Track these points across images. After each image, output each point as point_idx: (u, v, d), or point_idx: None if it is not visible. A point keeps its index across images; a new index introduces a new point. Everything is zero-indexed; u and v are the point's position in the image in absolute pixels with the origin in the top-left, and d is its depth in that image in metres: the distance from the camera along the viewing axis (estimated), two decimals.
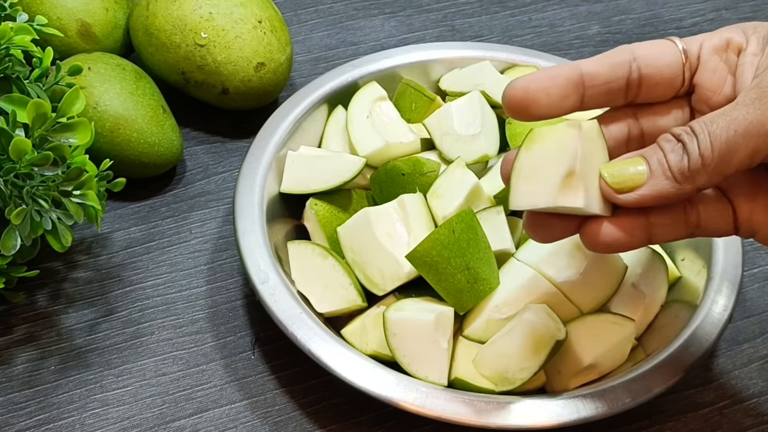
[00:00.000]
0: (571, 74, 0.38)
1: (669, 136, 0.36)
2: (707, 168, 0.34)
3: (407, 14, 0.75)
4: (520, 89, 0.38)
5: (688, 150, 0.35)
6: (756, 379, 0.51)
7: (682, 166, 0.35)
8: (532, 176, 0.36)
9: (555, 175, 0.36)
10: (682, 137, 0.35)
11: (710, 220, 0.38)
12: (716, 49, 0.38)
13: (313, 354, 0.45)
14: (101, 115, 0.55)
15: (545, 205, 0.36)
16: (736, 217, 0.38)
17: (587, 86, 0.38)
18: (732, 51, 0.38)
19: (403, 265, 0.47)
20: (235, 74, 0.59)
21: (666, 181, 0.35)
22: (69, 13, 0.60)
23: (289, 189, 0.53)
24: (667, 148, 0.35)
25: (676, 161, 0.35)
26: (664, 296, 0.50)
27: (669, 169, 0.35)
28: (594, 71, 0.38)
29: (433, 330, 0.44)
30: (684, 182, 0.35)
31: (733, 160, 0.34)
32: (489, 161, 0.54)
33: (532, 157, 0.37)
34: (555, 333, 0.43)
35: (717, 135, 0.34)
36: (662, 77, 0.39)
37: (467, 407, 0.43)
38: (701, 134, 0.35)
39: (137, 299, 0.54)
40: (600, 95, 0.39)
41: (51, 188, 0.45)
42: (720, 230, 0.38)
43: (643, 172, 0.35)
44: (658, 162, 0.35)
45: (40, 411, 0.48)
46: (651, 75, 0.38)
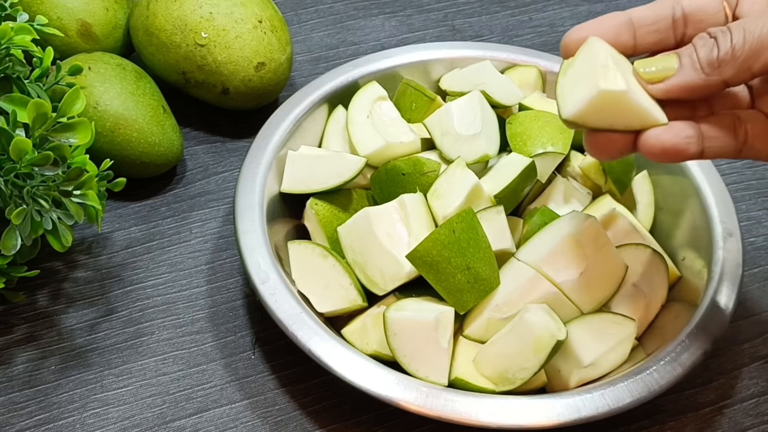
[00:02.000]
0: (622, 18, 0.41)
1: (703, 34, 0.38)
2: (737, 60, 0.37)
3: (407, 14, 0.75)
4: (576, 36, 0.41)
5: (719, 43, 0.37)
6: (756, 379, 0.51)
7: (711, 57, 0.37)
8: (574, 85, 0.38)
9: (593, 71, 0.37)
10: (716, 33, 0.37)
11: (757, 138, 0.39)
12: None
13: (314, 354, 0.45)
14: (101, 114, 0.55)
15: (590, 94, 0.37)
16: None
17: (637, 27, 0.41)
18: None
19: (403, 265, 0.47)
20: (235, 74, 0.59)
21: (693, 72, 0.38)
22: (69, 12, 0.60)
23: (289, 189, 0.53)
24: (699, 44, 0.38)
25: (705, 54, 0.37)
26: (665, 296, 0.50)
27: (698, 62, 0.38)
28: (641, 14, 0.41)
29: (434, 330, 0.44)
30: (711, 73, 0.37)
31: (762, 56, 0.36)
32: (489, 161, 0.54)
33: (570, 75, 0.39)
34: (555, 333, 0.43)
35: (751, 31, 0.36)
36: (705, 14, 0.41)
37: (467, 407, 0.43)
38: (736, 29, 0.37)
39: (137, 299, 0.54)
40: (650, 34, 0.41)
41: (51, 188, 0.45)
42: (766, 150, 0.40)
43: (673, 65, 0.38)
44: (688, 56, 0.38)
45: (40, 411, 0.48)
46: (694, 12, 0.41)
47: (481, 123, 0.53)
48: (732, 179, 0.61)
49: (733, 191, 0.57)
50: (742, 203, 0.60)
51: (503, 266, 0.48)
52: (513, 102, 0.56)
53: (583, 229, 0.47)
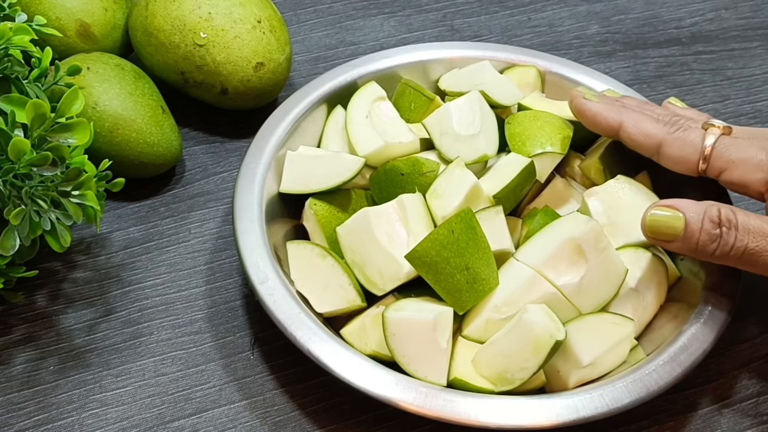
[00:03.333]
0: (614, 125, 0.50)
1: (714, 218, 0.44)
2: (730, 260, 0.45)
3: (406, 14, 0.75)
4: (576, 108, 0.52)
5: (721, 242, 0.44)
6: (756, 379, 0.51)
7: (707, 250, 0.45)
8: None
9: None
10: (722, 231, 0.44)
11: None
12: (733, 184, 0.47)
13: (313, 354, 0.44)
14: (100, 115, 0.55)
15: None
16: None
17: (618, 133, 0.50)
18: (752, 193, 0.47)
19: (402, 265, 0.47)
20: (234, 74, 0.59)
21: (689, 249, 0.45)
22: (68, 13, 0.60)
23: (288, 189, 0.53)
24: (706, 231, 0.44)
25: (704, 242, 0.44)
26: (664, 297, 0.50)
27: (695, 245, 0.45)
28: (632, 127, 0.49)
29: (433, 330, 0.44)
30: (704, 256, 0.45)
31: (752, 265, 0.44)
32: (488, 161, 0.54)
33: None
34: (554, 333, 0.43)
35: (744, 244, 0.44)
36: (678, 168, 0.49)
37: (466, 407, 0.43)
38: (741, 236, 0.44)
39: (136, 299, 0.54)
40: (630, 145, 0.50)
41: (50, 188, 0.45)
42: None
43: (678, 233, 0.45)
44: (696, 232, 0.44)
45: (39, 411, 0.48)
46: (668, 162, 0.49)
47: (480, 123, 0.53)
48: None
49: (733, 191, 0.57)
50: (742, 203, 0.60)
51: (502, 266, 0.48)
52: (512, 102, 0.56)
53: (583, 232, 0.47)
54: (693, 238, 0.44)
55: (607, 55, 0.72)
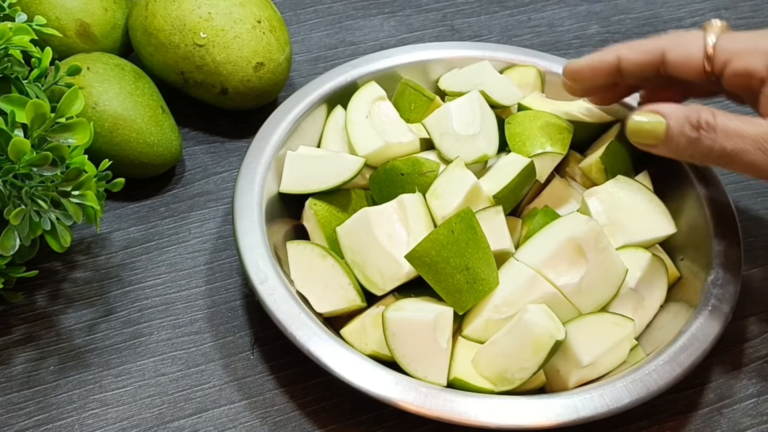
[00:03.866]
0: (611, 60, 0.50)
1: (693, 120, 0.45)
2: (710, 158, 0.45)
3: (406, 14, 0.75)
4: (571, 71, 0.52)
5: (700, 145, 0.45)
6: (755, 379, 0.51)
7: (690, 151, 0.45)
8: None
9: None
10: (701, 132, 0.44)
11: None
12: (737, 74, 0.46)
13: (313, 354, 0.44)
14: (100, 115, 0.55)
15: None
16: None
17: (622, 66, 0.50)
18: (755, 81, 0.46)
19: (402, 265, 0.47)
20: (234, 74, 0.59)
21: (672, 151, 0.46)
22: (68, 13, 0.60)
23: (288, 189, 0.53)
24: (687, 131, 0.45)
25: (685, 143, 0.45)
26: (664, 297, 0.50)
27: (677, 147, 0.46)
28: (629, 55, 0.49)
29: (433, 330, 0.44)
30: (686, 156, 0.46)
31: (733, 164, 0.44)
32: (488, 161, 0.54)
33: None
34: (554, 333, 0.43)
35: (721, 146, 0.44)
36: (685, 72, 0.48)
37: (466, 407, 0.43)
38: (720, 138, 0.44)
39: (136, 299, 0.54)
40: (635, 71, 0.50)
41: (50, 188, 0.45)
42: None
43: (660, 136, 0.46)
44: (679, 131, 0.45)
45: (39, 411, 0.48)
46: (675, 67, 0.48)
47: (480, 123, 0.53)
48: (732, 179, 0.61)
49: (732, 191, 0.57)
50: (742, 203, 0.60)
51: (502, 266, 0.48)
52: (512, 102, 0.56)
53: (583, 232, 0.47)
54: (673, 141, 0.46)
55: None
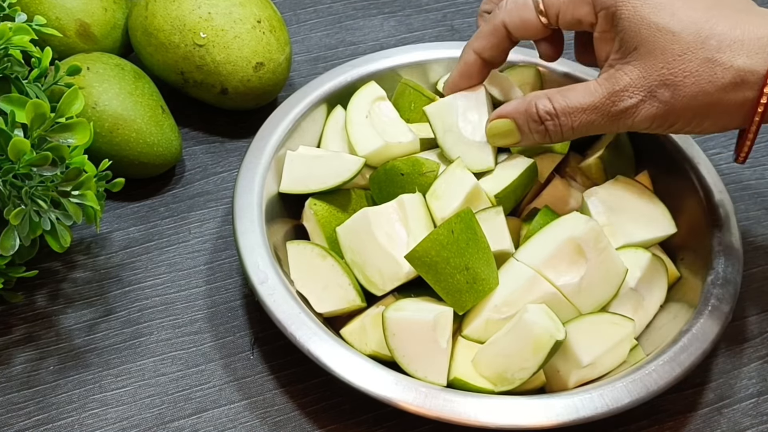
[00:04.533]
0: (474, 59, 0.52)
1: (534, 115, 0.47)
2: (566, 137, 0.48)
3: (406, 14, 0.75)
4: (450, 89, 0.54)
5: (551, 133, 0.47)
6: (755, 379, 0.51)
7: (547, 140, 0.48)
8: None
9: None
10: (546, 124, 0.47)
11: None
12: (570, 24, 0.48)
13: (312, 354, 0.44)
14: (100, 115, 0.55)
15: None
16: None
17: (485, 57, 0.52)
18: (586, 27, 0.48)
19: (402, 266, 0.47)
20: (234, 74, 0.59)
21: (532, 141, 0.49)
22: (68, 13, 0.60)
23: (288, 189, 0.53)
24: (533, 128, 0.48)
25: (540, 136, 0.48)
26: (664, 297, 0.50)
27: (535, 136, 0.48)
28: (481, 45, 0.51)
29: (432, 330, 0.44)
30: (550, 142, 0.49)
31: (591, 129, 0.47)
32: None
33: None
34: (554, 333, 0.43)
35: (569, 126, 0.47)
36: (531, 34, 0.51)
37: (466, 407, 0.43)
38: (564, 117, 0.46)
39: (136, 299, 0.54)
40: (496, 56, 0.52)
41: (50, 188, 0.45)
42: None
43: (516, 137, 0.49)
44: (528, 129, 0.48)
45: (39, 411, 0.48)
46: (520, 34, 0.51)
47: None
48: (731, 179, 0.61)
49: (732, 191, 0.57)
50: (741, 203, 0.60)
51: (502, 266, 0.48)
52: None
53: (583, 232, 0.47)
54: (528, 136, 0.48)
55: None
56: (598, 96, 0.45)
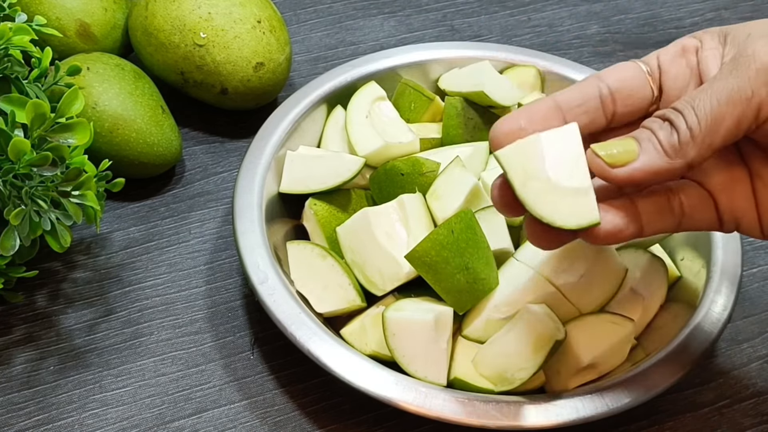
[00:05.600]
0: (549, 103, 0.39)
1: (654, 118, 0.37)
2: (696, 140, 0.35)
3: (406, 14, 0.75)
4: (508, 129, 0.38)
5: (676, 125, 0.36)
6: (755, 379, 0.51)
7: (673, 140, 0.36)
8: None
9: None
10: (668, 115, 0.36)
11: (694, 209, 0.39)
12: (674, 56, 0.40)
13: (313, 354, 0.44)
14: (100, 115, 0.55)
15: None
16: (717, 208, 0.39)
17: (565, 110, 0.39)
18: (690, 53, 0.40)
19: (402, 266, 0.47)
20: (234, 74, 0.59)
21: (657, 155, 0.36)
22: (68, 13, 0.60)
23: (288, 189, 0.53)
24: (655, 127, 0.36)
25: (666, 136, 0.36)
26: (663, 297, 0.50)
27: (659, 144, 0.36)
28: (567, 97, 0.39)
29: (433, 330, 0.44)
30: (675, 157, 0.36)
31: (720, 129, 0.35)
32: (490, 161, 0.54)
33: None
34: (554, 333, 0.43)
35: (701, 107, 0.35)
36: (631, 89, 0.39)
37: (466, 407, 0.43)
38: (686, 109, 0.36)
39: (136, 299, 0.54)
40: (580, 116, 0.39)
41: (50, 188, 0.45)
42: (705, 220, 0.39)
43: (634, 148, 0.36)
44: (648, 140, 0.36)
45: (39, 411, 0.48)
46: (620, 89, 0.39)
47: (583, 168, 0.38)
48: None
49: None
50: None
51: (502, 266, 0.48)
52: (512, 102, 0.56)
53: None
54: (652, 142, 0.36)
55: (607, 55, 0.72)
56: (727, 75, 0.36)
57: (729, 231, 0.40)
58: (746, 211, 0.39)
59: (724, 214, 0.39)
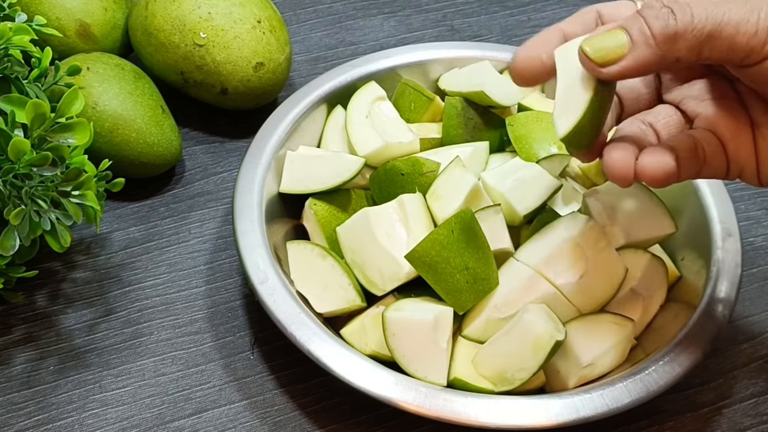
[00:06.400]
0: (558, 35, 0.41)
1: (653, 2, 0.36)
2: (693, 38, 0.34)
3: (406, 14, 0.75)
4: (526, 56, 0.40)
5: (677, 13, 0.35)
6: (756, 379, 0.51)
7: (668, 30, 0.35)
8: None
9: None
10: (670, 3, 0.35)
11: (713, 156, 0.40)
12: None
13: (313, 354, 0.44)
14: (100, 115, 0.55)
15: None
16: (727, 156, 0.40)
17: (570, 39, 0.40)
18: None
19: (402, 266, 0.47)
20: (234, 74, 0.59)
21: (648, 48, 0.35)
22: (68, 13, 0.60)
23: (288, 189, 0.53)
24: (650, 15, 0.35)
25: (660, 26, 0.35)
26: (663, 297, 0.50)
27: (652, 37, 0.35)
28: (572, 29, 0.41)
29: (432, 330, 0.44)
30: (666, 48, 0.35)
31: (716, 44, 0.35)
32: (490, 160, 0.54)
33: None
34: (554, 333, 0.43)
35: (713, 12, 0.34)
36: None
37: (466, 407, 0.43)
38: (697, 7, 0.35)
39: (136, 299, 0.54)
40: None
41: (50, 188, 0.45)
42: (719, 168, 0.40)
43: (624, 42, 0.36)
44: (639, 30, 0.35)
45: (39, 411, 0.48)
46: (612, 18, 0.40)
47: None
48: None
49: (732, 191, 0.57)
50: (741, 203, 0.60)
51: (502, 266, 0.48)
52: (512, 102, 0.56)
53: (583, 232, 0.47)
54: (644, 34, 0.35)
55: None
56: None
57: (733, 179, 0.41)
58: (748, 159, 0.40)
59: (732, 162, 0.40)
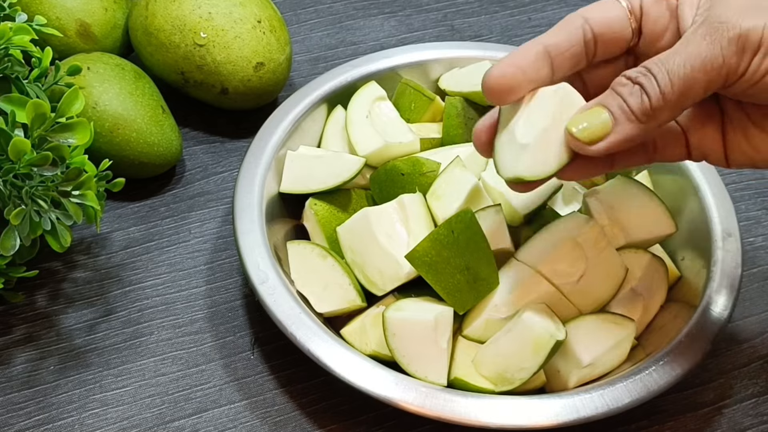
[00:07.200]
0: (539, 49, 0.40)
1: (623, 80, 0.37)
2: (669, 104, 0.36)
3: (407, 14, 0.75)
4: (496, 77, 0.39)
5: (647, 90, 0.36)
6: (756, 379, 0.51)
7: (644, 107, 0.36)
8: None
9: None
10: (639, 79, 0.37)
11: (666, 146, 0.41)
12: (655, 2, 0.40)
13: (313, 354, 0.45)
14: (100, 115, 0.55)
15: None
16: (688, 143, 0.41)
17: (553, 56, 0.40)
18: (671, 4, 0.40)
19: (402, 265, 0.47)
20: (234, 74, 0.59)
21: (630, 124, 0.37)
22: (68, 13, 0.60)
23: (288, 189, 0.53)
24: (625, 92, 0.37)
25: (637, 103, 0.37)
26: (664, 297, 0.50)
27: (632, 113, 0.37)
28: (555, 42, 0.40)
29: (433, 330, 0.44)
30: (648, 121, 0.37)
31: (691, 93, 0.36)
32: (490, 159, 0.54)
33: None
34: (554, 333, 0.43)
35: (675, 72, 0.36)
36: (613, 32, 0.40)
37: (466, 407, 0.43)
38: (659, 73, 0.36)
39: (136, 299, 0.54)
40: (566, 60, 0.40)
41: (50, 188, 0.45)
42: (675, 155, 0.41)
43: (607, 120, 0.37)
44: (619, 108, 0.37)
45: (39, 411, 0.48)
46: (603, 32, 0.40)
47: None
48: (731, 179, 0.61)
49: (732, 191, 0.57)
50: (741, 203, 0.60)
51: (503, 266, 0.48)
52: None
53: (583, 232, 0.47)
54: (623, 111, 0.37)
55: None
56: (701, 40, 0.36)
57: (697, 161, 0.42)
58: (714, 147, 0.41)
59: (694, 150, 0.41)
